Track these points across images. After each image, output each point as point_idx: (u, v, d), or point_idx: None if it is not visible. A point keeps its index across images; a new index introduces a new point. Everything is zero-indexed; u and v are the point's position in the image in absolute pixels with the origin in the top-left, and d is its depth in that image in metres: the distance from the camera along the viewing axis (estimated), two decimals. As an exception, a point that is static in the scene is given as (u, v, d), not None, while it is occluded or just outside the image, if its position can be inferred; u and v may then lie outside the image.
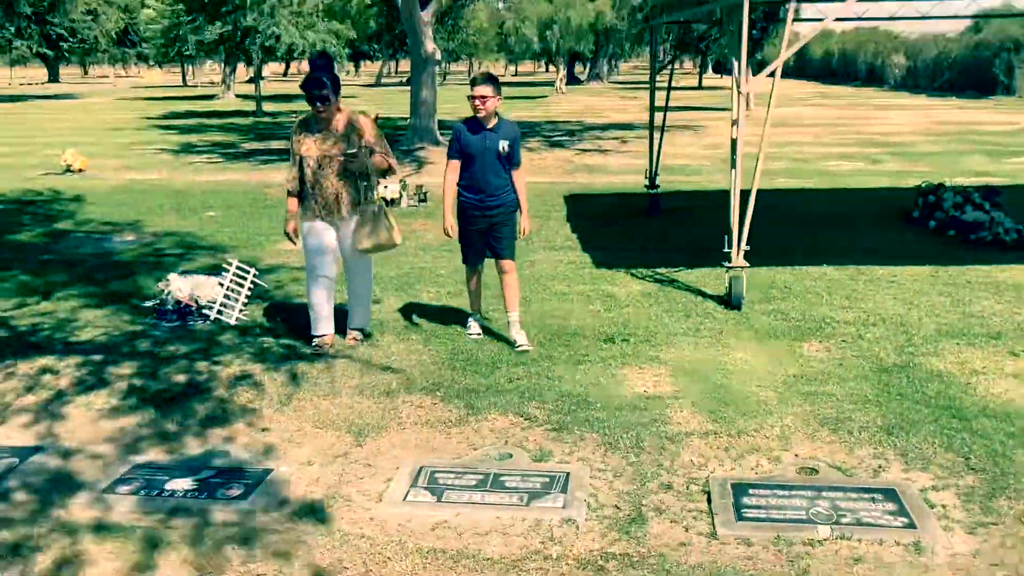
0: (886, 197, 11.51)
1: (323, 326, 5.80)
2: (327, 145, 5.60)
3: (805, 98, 36.46)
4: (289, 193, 5.75)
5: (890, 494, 3.81)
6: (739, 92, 6.58)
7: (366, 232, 5.63)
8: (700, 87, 44.69)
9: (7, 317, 6.54)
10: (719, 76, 55.23)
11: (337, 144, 5.60)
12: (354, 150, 5.60)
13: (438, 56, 17.66)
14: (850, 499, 3.78)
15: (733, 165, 6.81)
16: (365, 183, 5.71)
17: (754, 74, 30.19)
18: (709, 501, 3.78)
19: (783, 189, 12.37)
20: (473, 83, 5.60)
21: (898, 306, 6.64)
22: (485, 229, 5.76)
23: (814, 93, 40.73)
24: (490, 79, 5.62)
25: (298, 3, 22.26)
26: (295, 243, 5.88)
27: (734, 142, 6.78)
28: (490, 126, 5.63)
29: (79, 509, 3.78)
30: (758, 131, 21.84)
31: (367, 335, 5.96)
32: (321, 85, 5.47)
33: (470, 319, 6.09)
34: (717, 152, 16.96)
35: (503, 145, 5.63)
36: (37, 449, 4.37)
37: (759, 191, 6.88)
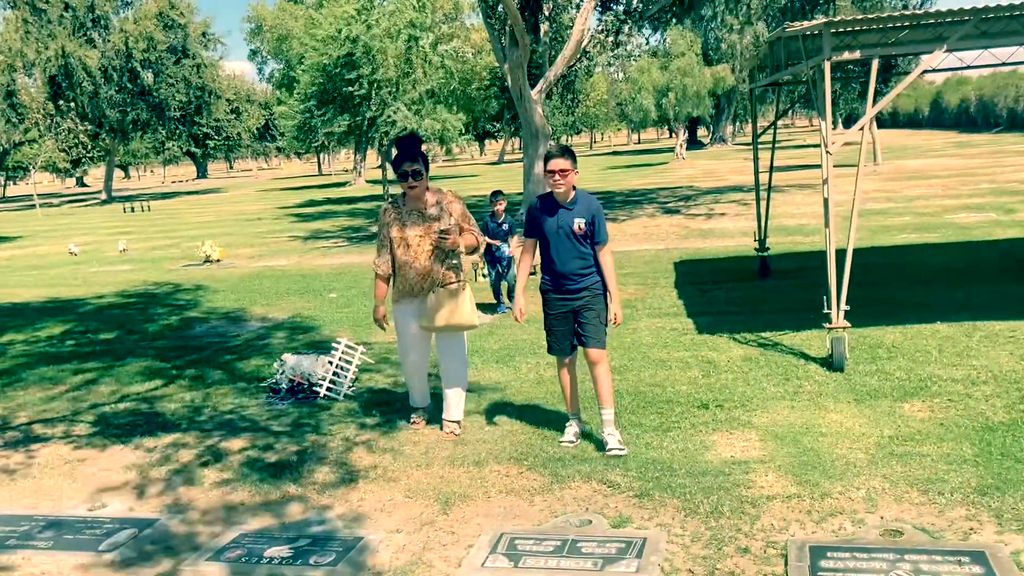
0: (1014, 248, 11.01)
1: (420, 401, 6.00)
2: (418, 225, 5.59)
3: (938, 149, 35.24)
4: (378, 276, 5.78)
5: (978, 557, 3.67)
6: (827, 152, 6.56)
7: (439, 310, 5.54)
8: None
9: (141, 398, 7.10)
10: (844, 131, 53.99)
11: (428, 224, 5.57)
12: (447, 228, 5.56)
13: (548, 130, 18.12)
14: (934, 562, 3.66)
15: (827, 224, 6.75)
16: (455, 261, 5.73)
17: (880, 127, 29.50)
18: (786, 564, 3.74)
19: (903, 245, 12.02)
20: (548, 157, 5.23)
21: (1014, 362, 6.36)
22: (569, 316, 5.29)
23: (949, 143, 39.29)
24: (566, 151, 5.27)
25: (416, 87, 23.41)
26: (384, 329, 5.93)
27: (826, 201, 6.73)
28: (566, 202, 5.24)
29: (183, 575, 4.08)
30: (884, 186, 21.26)
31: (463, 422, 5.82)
32: (413, 158, 5.50)
33: (567, 424, 5.51)
34: (838, 209, 16.60)
35: (579, 223, 5.17)
36: (154, 521, 4.74)
37: (875, 248, 6.79)
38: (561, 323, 5.33)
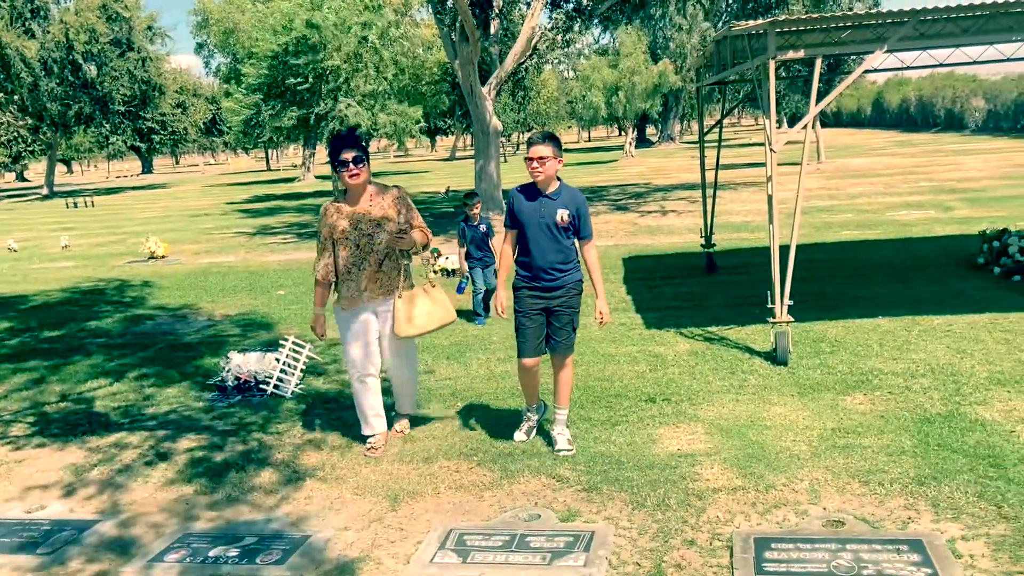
0: (951, 245, 11.29)
1: (375, 425, 5.38)
2: (363, 224, 5.14)
3: (880, 148, 35.98)
4: (318, 283, 5.29)
5: (916, 545, 3.77)
6: (771, 150, 6.66)
7: (410, 314, 5.16)
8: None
9: (83, 397, 6.95)
10: (788, 130, 54.86)
11: (374, 222, 5.14)
12: (404, 226, 5.21)
13: (500, 128, 18.14)
14: (874, 551, 3.75)
15: (771, 220, 6.86)
16: (406, 262, 5.30)
17: (823, 127, 30.03)
18: (731, 556, 3.80)
19: (846, 242, 12.25)
20: (529, 144, 4.95)
21: (951, 355, 6.53)
22: (541, 314, 5.02)
23: (890, 142, 40.15)
24: (549, 138, 4.94)
25: (367, 83, 23.20)
26: (323, 339, 5.55)
27: (770, 198, 6.83)
28: (549, 192, 4.95)
29: (127, 576, 4.01)
30: (827, 184, 21.65)
31: (413, 419, 5.69)
32: (353, 144, 5.06)
33: (524, 417, 5.41)
34: (783, 207, 16.87)
35: (562, 215, 4.88)
36: (96, 521, 4.65)
37: (818, 244, 6.91)
38: (533, 322, 5.03)
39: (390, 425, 5.55)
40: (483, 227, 8.72)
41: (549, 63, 45.55)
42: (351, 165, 5.04)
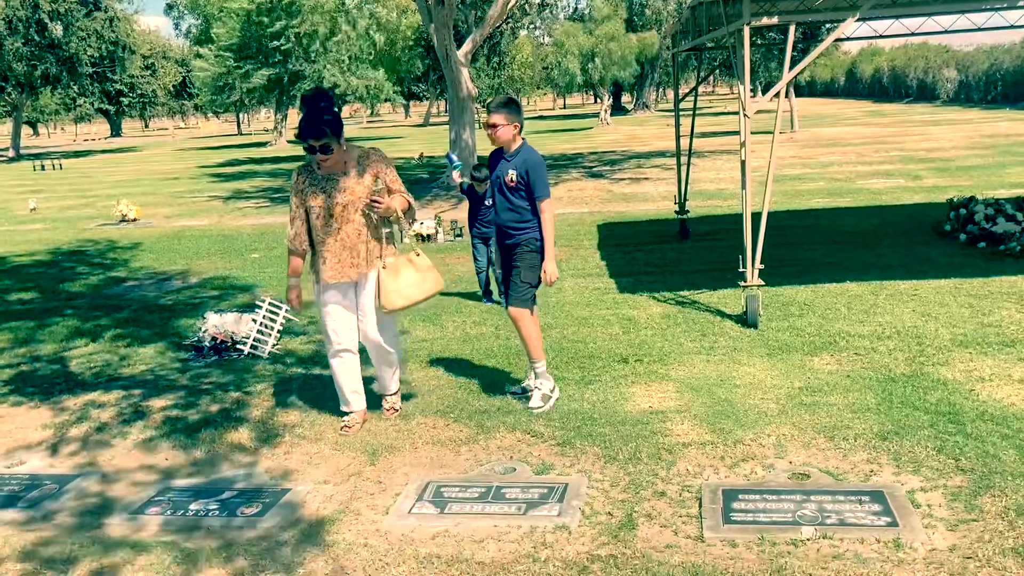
0: (920, 213, 11.48)
1: (353, 402, 5.14)
2: (339, 192, 4.79)
3: (853, 117, 36.23)
4: (291, 253, 4.96)
5: (877, 496, 3.91)
6: (744, 115, 6.75)
7: (397, 286, 4.88)
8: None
9: (59, 358, 6.96)
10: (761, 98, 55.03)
11: (350, 190, 4.80)
12: (379, 189, 4.83)
13: (475, 93, 18.07)
14: (837, 502, 3.89)
15: (744, 186, 6.96)
16: (388, 230, 4.97)
17: (798, 96, 30.15)
18: (700, 507, 3.93)
19: (817, 209, 12.41)
20: (487, 111, 5.16)
21: (916, 318, 6.69)
22: (506, 263, 5.29)
23: (863, 112, 40.42)
24: (504, 105, 5.06)
25: (343, 48, 23.02)
26: (299, 311, 5.36)
27: (743, 164, 6.93)
28: (508, 154, 5.12)
29: (109, 529, 4.08)
30: (800, 153, 21.77)
31: (403, 396, 5.44)
32: (319, 132, 4.65)
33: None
34: (756, 175, 17.01)
35: (512, 175, 5.01)
36: (76, 477, 4.70)
37: (790, 211, 7.01)
38: (501, 267, 5.41)
39: (373, 404, 5.29)
40: (489, 201, 7.96)
41: (524, 28, 45.25)
42: (319, 153, 4.72)
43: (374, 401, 5.35)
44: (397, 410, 5.28)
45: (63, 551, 3.88)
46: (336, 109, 4.83)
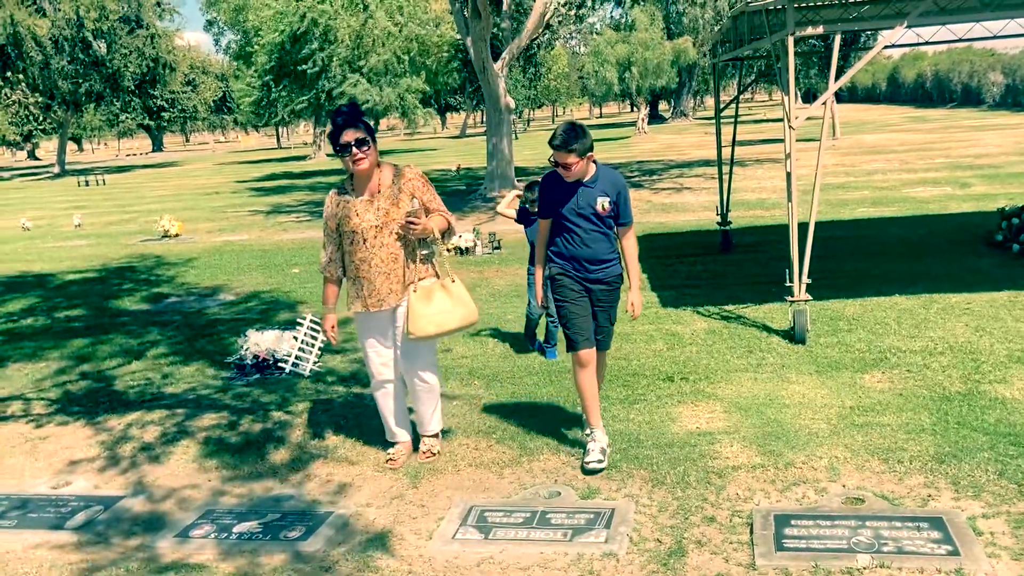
0: (969, 222, 11.23)
1: (399, 434, 4.95)
2: (374, 214, 4.53)
3: (895, 123, 35.71)
4: (326, 281, 4.74)
5: (936, 523, 3.78)
6: (790, 126, 6.63)
7: (425, 312, 4.56)
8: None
9: (104, 376, 7.01)
10: (806, 106, 54.56)
11: (386, 211, 4.53)
12: (413, 211, 4.53)
13: (512, 105, 18.08)
14: (894, 528, 3.76)
15: (789, 198, 6.83)
16: (425, 251, 4.68)
17: (838, 102, 29.81)
18: (751, 533, 3.82)
19: (862, 219, 12.20)
20: (552, 145, 4.44)
21: (969, 333, 6.51)
22: (587, 299, 4.63)
23: (906, 118, 39.83)
24: (571, 137, 4.38)
25: (368, 65, 23.21)
26: (334, 342, 4.93)
27: (788, 176, 6.80)
28: (586, 179, 4.55)
29: (154, 552, 4.06)
30: (843, 160, 21.48)
31: (444, 432, 5.11)
32: (355, 124, 4.45)
33: (588, 436, 4.70)
34: (800, 183, 16.79)
35: (603, 203, 4.49)
36: (120, 497, 4.70)
37: (835, 222, 6.88)
38: (582, 308, 4.60)
39: (415, 441, 5.01)
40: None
41: (561, 39, 45.24)
42: (354, 148, 4.43)
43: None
44: (435, 454, 4.89)
45: (108, 574, 3.87)
46: (368, 121, 4.63)
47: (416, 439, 5.02)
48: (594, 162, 4.57)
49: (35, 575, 3.93)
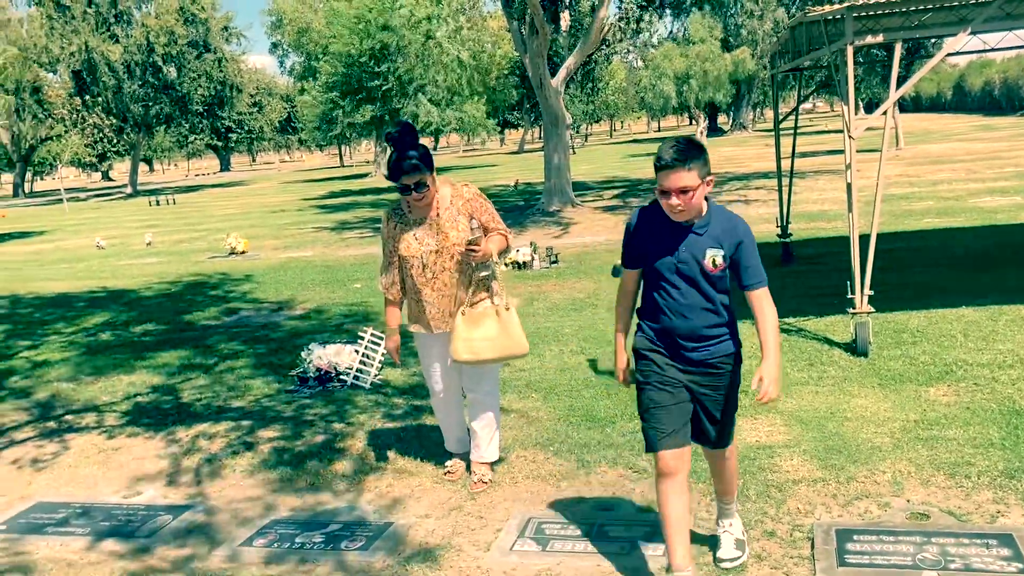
0: (1040, 231, 10.92)
1: (457, 447, 4.99)
2: (433, 237, 4.42)
3: (962, 132, 34.87)
4: (388, 302, 4.69)
5: (1006, 539, 3.69)
6: (850, 137, 6.55)
7: (477, 339, 4.39)
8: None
9: (172, 388, 7.21)
10: (867, 116, 53.65)
11: (444, 235, 4.41)
12: (475, 237, 4.39)
13: (569, 120, 18.13)
14: (962, 545, 3.68)
15: (850, 209, 6.74)
16: (485, 273, 4.53)
17: (901, 112, 29.21)
18: (812, 548, 3.77)
19: (927, 230, 11.94)
20: (660, 164, 3.21)
21: (1040, 345, 6.33)
22: (680, 388, 3.44)
23: (973, 127, 38.85)
24: (687, 154, 3.18)
25: (439, 79, 23.49)
26: (398, 363, 4.99)
27: (849, 186, 6.72)
28: (696, 223, 3.34)
29: (218, 562, 4.17)
30: (906, 171, 21.05)
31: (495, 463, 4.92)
32: (413, 169, 4.25)
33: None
34: (861, 195, 16.52)
35: (713, 257, 3.30)
36: (187, 507, 4.84)
37: (898, 233, 6.76)
38: (669, 396, 3.43)
39: (468, 465, 4.91)
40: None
41: (618, 53, 45.28)
42: (413, 192, 4.32)
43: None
44: (486, 483, 4.73)
45: (176, 582, 3.99)
46: (422, 143, 4.42)
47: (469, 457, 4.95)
48: (705, 200, 3.35)
49: (107, 581, 4.06)
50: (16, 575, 4.19)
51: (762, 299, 3.43)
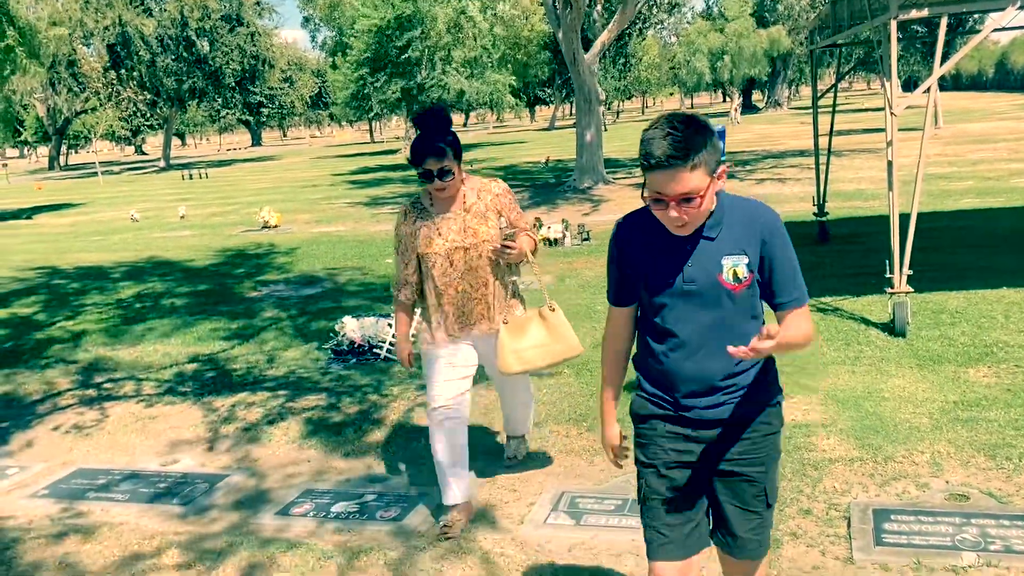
0: (1083, 212, 10.71)
1: (452, 492, 4.10)
2: (458, 234, 3.97)
3: (1003, 111, 34.20)
4: (399, 308, 4.18)
5: (1047, 522, 3.64)
6: (892, 113, 6.44)
7: (517, 347, 3.99)
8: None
9: (209, 359, 7.29)
10: (908, 94, 52.76)
11: (472, 231, 3.98)
12: (511, 232, 4.02)
13: (602, 97, 18.00)
14: (1002, 527, 3.64)
15: (890, 187, 6.64)
16: (514, 278, 4.15)
17: (941, 90, 28.67)
18: (849, 526, 3.75)
19: (967, 210, 11.74)
20: (649, 162, 2.26)
21: (1083, 327, 6.22)
22: (688, 471, 2.51)
23: (1015, 105, 38.10)
24: (691, 145, 2.21)
25: (467, 49, 23.42)
26: (411, 369, 4.41)
27: (889, 164, 6.61)
28: (706, 224, 2.37)
29: (255, 528, 4.22)
30: (946, 150, 20.73)
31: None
32: (438, 151, 3.82)
33: None
34: (900, 174, 16.26)
35: (733, 268, 2.35)
36: (224, 476, 4.90)
37: (938, 213, 6.65)
38: (673, 487, 2.52)
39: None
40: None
41: (652, 28, 44.75)
42: (437, 180, 3.89)
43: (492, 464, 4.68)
44: (520, 459, 4.68)
45: (214, 546, 4.05)
46: (451, 130, 3.96)
47: (492, 462, 4.73)
48: (718, 196, 2.39)
49: (145, 545, 4.13)
50: (74, 535, 4.27)
51: (801, 319, 2.41)
